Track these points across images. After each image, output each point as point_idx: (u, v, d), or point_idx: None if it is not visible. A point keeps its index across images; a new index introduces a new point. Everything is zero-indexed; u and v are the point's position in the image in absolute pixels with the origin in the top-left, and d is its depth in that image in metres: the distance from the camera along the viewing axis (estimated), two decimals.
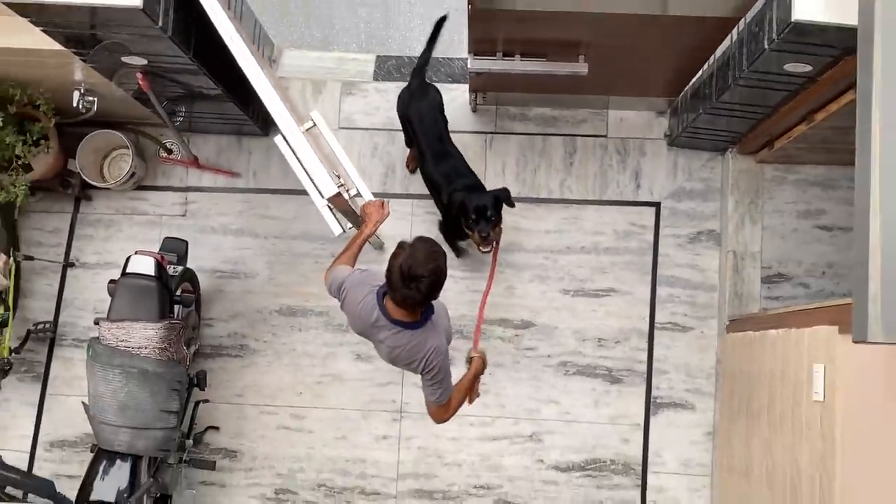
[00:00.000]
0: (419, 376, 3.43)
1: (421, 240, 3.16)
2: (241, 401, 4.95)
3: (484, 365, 3.88)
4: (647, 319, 4.89)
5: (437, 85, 4.67)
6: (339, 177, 3.85)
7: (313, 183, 3.79)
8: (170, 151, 5.04)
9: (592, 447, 4.82)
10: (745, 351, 4.28)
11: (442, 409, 3.58)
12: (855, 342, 2.46)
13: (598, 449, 4.82)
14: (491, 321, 4.87)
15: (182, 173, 5.11)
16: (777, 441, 3.71)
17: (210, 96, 4.32)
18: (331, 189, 3.71)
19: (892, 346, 2.51)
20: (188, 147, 4.94)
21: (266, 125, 5.01)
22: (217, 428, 4.88)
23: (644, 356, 4.87)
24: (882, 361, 2.80)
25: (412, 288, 3.05)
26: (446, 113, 4.56)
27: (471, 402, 3.88)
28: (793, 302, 4.65)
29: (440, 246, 3.16)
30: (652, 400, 4.84)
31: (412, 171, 4.99)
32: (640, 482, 4.80)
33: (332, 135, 4.05)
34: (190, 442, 4.56)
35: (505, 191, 4.33)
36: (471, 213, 4.22)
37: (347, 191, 3.93)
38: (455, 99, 5.01)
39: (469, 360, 3.87)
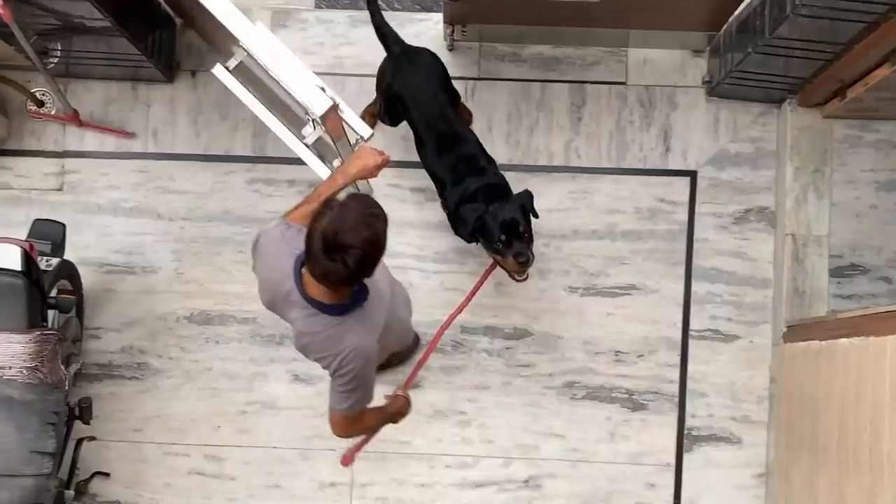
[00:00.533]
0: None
1: (355, 198, 3.10)
2: (139, 438, 4.93)
3: (406, 409, 3.94)
4: (680, 326, 4.92)
5: (405, 15, 4.66)
6: (323, 89, 3.74)
7: (282, 120, 3.73)
8: (41, 104, 5.00)
9: (607, 495, 4.85)
10: (808, 366, 4.32)
11: (348, 422, 3.55)
12: None
13: (616, 497, 4.85)
14: (473, 329, 4.88)
15: (58, 133, 5.07)
16: (851, 483, 3.75)
17: (95, 29, 4.28)
18: (324, 103, 3.57)
19: None
20: (66, 98, 4.90)
21: (170, 69, 4.97)
22: (107, 474, 4.85)
23: (675, 374, 4.90)
24: None
25: (336, 260, 2.95)
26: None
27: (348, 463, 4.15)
28: (871, 301, 4.69)
29: (379, 207, 3.10)
30: (686, 432, 4.87)
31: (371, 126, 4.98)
32: None
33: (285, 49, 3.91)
34: (71, 493, 4.52)
35: (526, 194, 4.32)
36: (497, 234, 4.19)
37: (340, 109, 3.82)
38: (425, 32, 5.01)
39: (391, 397, 3.91)
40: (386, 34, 4.60)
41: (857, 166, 4.84)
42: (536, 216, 4.29)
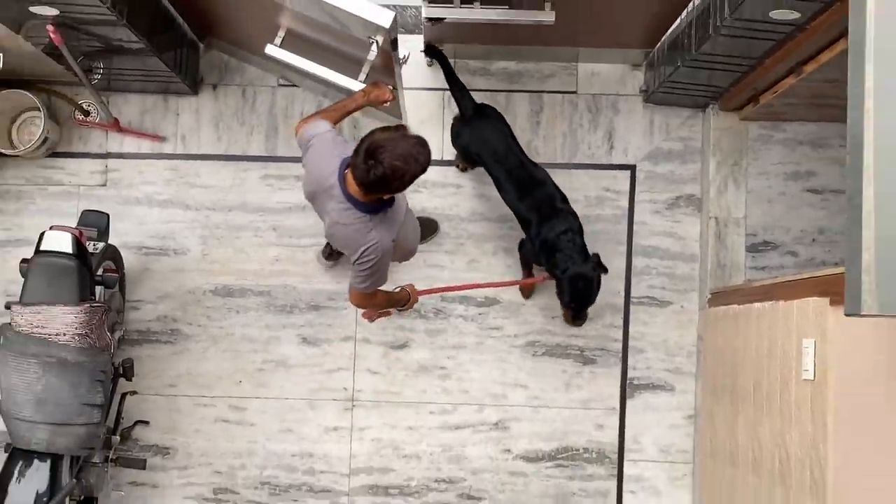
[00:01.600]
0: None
1: (417, 138, 3.17)
2: (173, 392, 4.92)
3: (410, 301, 3.99)
4: (623, 294, 4.93)
5: None
6: None
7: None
8: (87, 113, 4.96)
9: (563, 434, 4.87)
10: (728, 326, 4.34)
11: (363, 297, 3.65)
12: (847, 315, 2.50)
13: (570, 436, 4.87)
14: (451, 298, 4.88)
15: (101, 138, 5.02)
16: (764, 424, 3.77)
17: (132, 50, 4.24)
18: (388, 13, 3.37)
19: (888, 319, 2.55)
20: (107, 108, 4.86)
21: (195, 83, 4.94)
22: (147, 422, 4.84)
23: (619, 334, 4.92)
24: (878, 336, 2.84)
25: (367, 164, 3.07)
26: None
27: (381, 316, 4.12)
28: (780, 272, 4.71)
29: (425, 156, 3.16)
30: (628, 382, 4.89)
31: (463, 171, 4.97)
32: (615, 471, 4.86)
33: None
34: (116, 438, 4.52)
35: (597, 257, 4.36)
36: (572, 297, 4.32)
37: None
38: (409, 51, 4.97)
39: (401, 288, 4.00)
40: (461, 96, 4.56)
41: (768, 160, 4.85)
42: (606, 271, 4.37)
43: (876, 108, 2.44)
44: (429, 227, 4.81)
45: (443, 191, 4.92)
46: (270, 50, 3.91)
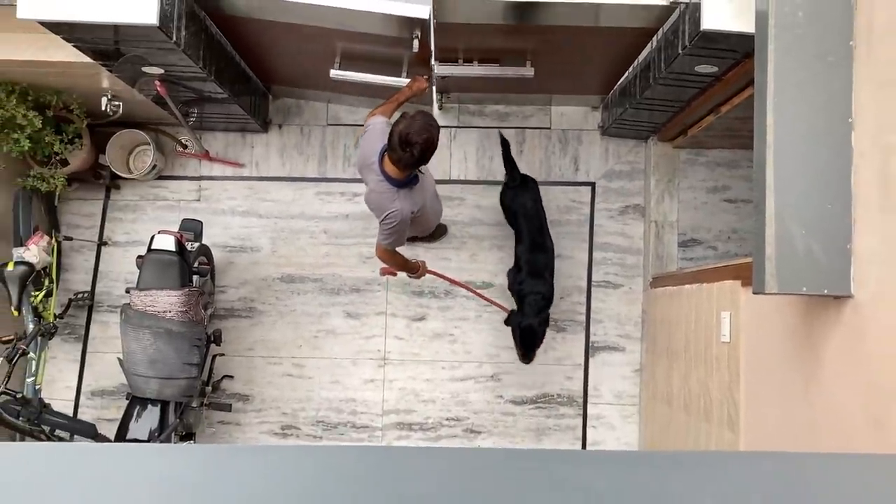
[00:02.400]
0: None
1: (421, 112, 3.18)
2: (250, 354, 4.94)
3: (420, 271, 4.00)
4: (585, 279, 4.93)
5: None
6: None
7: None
8: (185, 146, 4.98)
9: (542, 384, 4.87)
10: (665, 302, 4.34)
11: (385, 252, 3.64)
12: (755, 293, 2.50)
13: (547, 385, 4.88)
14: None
15: (196, 165, 5.04)
16: (692, 375, 3.77)
17: (218, 99, 4.26)
18: (423, 9, 3.32)
19: (784, 296, 2.56)
20: (200, 142, 4.88)
21: (265, 123, 4.96)
22: (231, 376, 4.86)
23: (583, 308, 4.91)
24: (776, 308, 2.85)
25: (406, 151, 3.09)
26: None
27: (389, 273, 4.12)
28: (704, 262, 4.70)
29: (435, 120, 3.18)
30: (590, 344, 4.89)
31: None
32: (581, 412, 4.87)
33: None
34: (209, 388, 4.55)
35: (545, 316, 4.36)
36: (519, 340, 4.34)
37: None
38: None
39: (416, 260, 4.03)
40: (511, 168, 4.57)
41: (694, 178, 4.83)
42: (548, 324, 4.41)
43: (775, 139, 2.45)
44: (440, 230, 4.81)
45: (449, 202, 4.92)
46: (334, 74, 3.93)
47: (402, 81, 3.88)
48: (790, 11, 2.48)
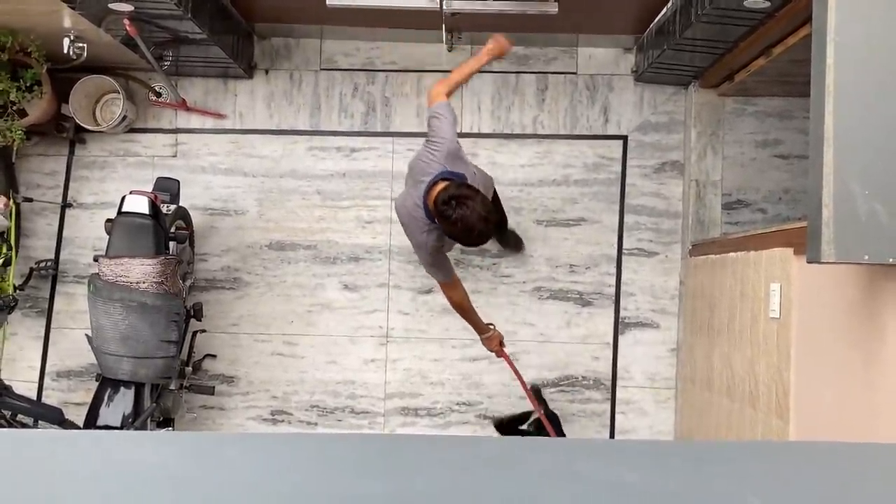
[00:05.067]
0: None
1: (486, 214, 3.21)
2: (236, 330, 4.97)
3: (490, 342, 4.06)
4: (616, 246, 4.92)
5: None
6: None
7: None
8: (159, 95, 4.96)
9: (565, 365, 4.89)
10: (706, 273, 4.33)
11: (445, 287, 3.75)
12: (809, 262, 2.49)
13: (571, 366, 4.89)
14: (469, 251, 4.88)
15: (171, 116, 5.03)
16: (736, 355, 3.77)
17: (196, 40, 4.24)
18: None
19: (843, 265, 2.54)
20: (176, 90, 4.86)
21: (250, 68, 4.93)
22: (214, 356, 4.90)
23: (612, 280, 4.91)
24: (833, 280, 2.83)
25: (449, 229, 3.24)
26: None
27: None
28: (751, 226, 4.68)
29: (493, 211, 3.28)
30: (620, 320, 4.90)
31: None
32: (609, 396, 4.89)
33: None
34: (189, 369, 4.59)
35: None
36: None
37: None
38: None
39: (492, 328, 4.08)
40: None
41: (741, 130, 4.80)
42: None
43: (835, 84, 2.42)
44: (513, 240, 4.85)
45: None
46: (332, 1, 3.89)
47: (412, 3, 3.84)
48: None
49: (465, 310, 3.91)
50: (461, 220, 3.15)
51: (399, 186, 4.86)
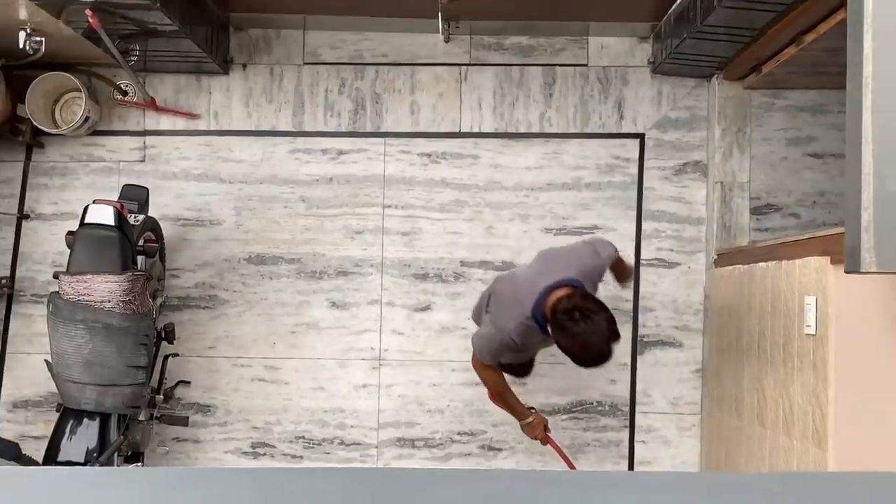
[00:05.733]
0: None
1: (610, 324, 3.22)
2: (212, 353, 4.96)
3: (532, 429, 3.97)
4: (632, 255, 4.92)
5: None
6: None
7: None
8: (125, 93, 4.97)
9: (578, 389, 4.88)
10: (733, 285, 4.33)
11: (478, 363, 3.73)
12: (847, 273, 2.49)
13: (584, 391, 4.89)
14: (471, 264, 4.89)
15: (139, 116, 5.04)
16: (768, 376, 3.77)
17: (165, 33, 4.25)
18: None
19: (886, 276, 2.54)
20: (144, 88, 4.88)
21: (226, 63, 4.94)
22: (188, 382, 4.89)
23: (630, 294, 4.91)
24: (875, 292, 2.83)
25: (570, 316, 3.19)
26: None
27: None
28: (783, 233, 4.68)
29: (617, 335, 3.28)
30: (638, 339, 4.90)
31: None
32: (627, 423, 4.88)
33: None
34: (160, 398, 4.57)
35: None
36: None
37: None
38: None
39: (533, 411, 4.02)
40: None
41: (770, 126, 4.81)
42: None
43: (874, 75, 2.43)
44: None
45: (460, 161, 4.92)
46: None
47: None
48: None
49: (501, 393, 3.86)
50: (583, 335, 3.12)
51: (392, 192, 4.89)
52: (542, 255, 3.65)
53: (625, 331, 4.87)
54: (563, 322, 3.13)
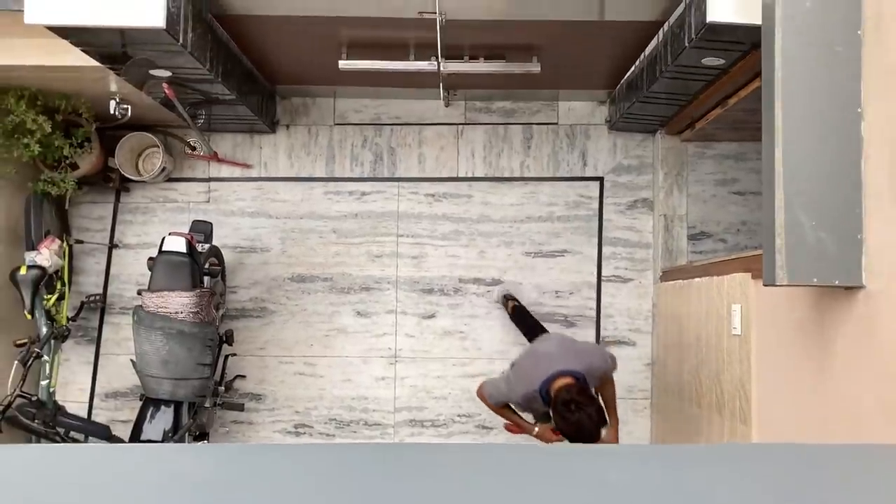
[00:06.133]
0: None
1: (598, 413, 3.15)
2: (262, 353, 4.95)
3: (549, 430, 3.69)
4: (595, 274, 4.92)
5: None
6: None
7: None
8: (193, 148, 4.99)
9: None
10: (675, 296, 4.32)
11: (481, 394, 3.66)
12: (765, 285, 2.49)
13: None
14: (467, 280, 4.89)
15: (204, 166, 5.06)
16: (704, 368, 3.76)
17: (226, 101, 4.27)
18: None
19: (795, 287, 2.55)
20: (209, 144, 4.90)
21: (273, 124, 4.97)
22: (244, 376, 4.88)
23: (593, 304, 4.91)
24: (787, 300, 2.84)
25: (568, 409, 3.11)
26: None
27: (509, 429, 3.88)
28: (714, 254, 4.69)
29: (604, 421, 3.19)
30: (601, 339, 4.88)
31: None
32: None
33: None
34: (222, 388, 4.57)
35: None
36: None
37: None
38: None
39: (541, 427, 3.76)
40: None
41: (702, 171, 4.82)
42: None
43: (783, 128, 2.44)
44: None
45: (457, 199, 4.93)
46: (343, 65, 3.90)
47: (413, 65, 3.87)
48: (797, 1, 2.47)
49: (502, 415, 3.77)
50: (576, 423, 3.10)
51: (404, 224, 4.90)
52: (562, 341, 3.54)
53: (589, 334, 4.88)
54: (562, 411, 3.13)
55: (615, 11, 3.59)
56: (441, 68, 4.08)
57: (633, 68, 4.24)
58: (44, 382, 4.31)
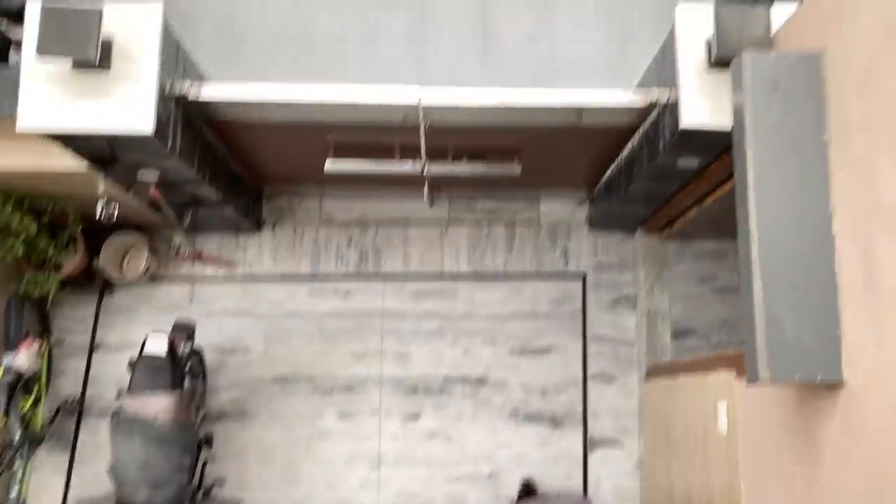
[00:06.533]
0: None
1: None
2: (243, 456, 4.82)
3: None
4: (581, 372, 4.89)
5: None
6: None
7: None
8: (178, 248, 5.00)
9: (540, 482, 4.75)
10: (661, 394, 4.30)
11: None
12: (748, 384, 2.49)
13: (546, 482, 4.76)
14: (453, 379, 4.85)
15: (189, 266, 5.06)
16: (692, 467, 3.70)
17: (212, 202, 4.32)
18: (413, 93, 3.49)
19: (777, 386, 2.55)
20: (194, 244, 4.92)
21: (259, 224, 5.02)
22: (224, 479, 4.73)
23: (580, 403, 4.85)
24: (771, 397, 2.83)
25: None
26: None
27: None
28: (698, 351, 4.69)
29: None
30: (588, 439, 4.81)
31: None
32: None
33: None
34: (200, 494, 4.42)
35: None
36: None
37: None
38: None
39: None
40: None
41: (682, 269, 4.89)
42: None
43: (758, 228, 2.50)
44: None
45: (442, 296, 4.95)
46: (330, 166, 3.95)
47: (398, 167, 3.97)
48: (765, 107, 2.58)
49: None
50: None
51: (388, 322, 4.89)
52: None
53: (577, 434, 4.81)
54: None
55: (592, 118, 3.71)
56: (425, 171, 4.17)
57: (610, 169, 4.35)
58: (14, 489, 4.16)
